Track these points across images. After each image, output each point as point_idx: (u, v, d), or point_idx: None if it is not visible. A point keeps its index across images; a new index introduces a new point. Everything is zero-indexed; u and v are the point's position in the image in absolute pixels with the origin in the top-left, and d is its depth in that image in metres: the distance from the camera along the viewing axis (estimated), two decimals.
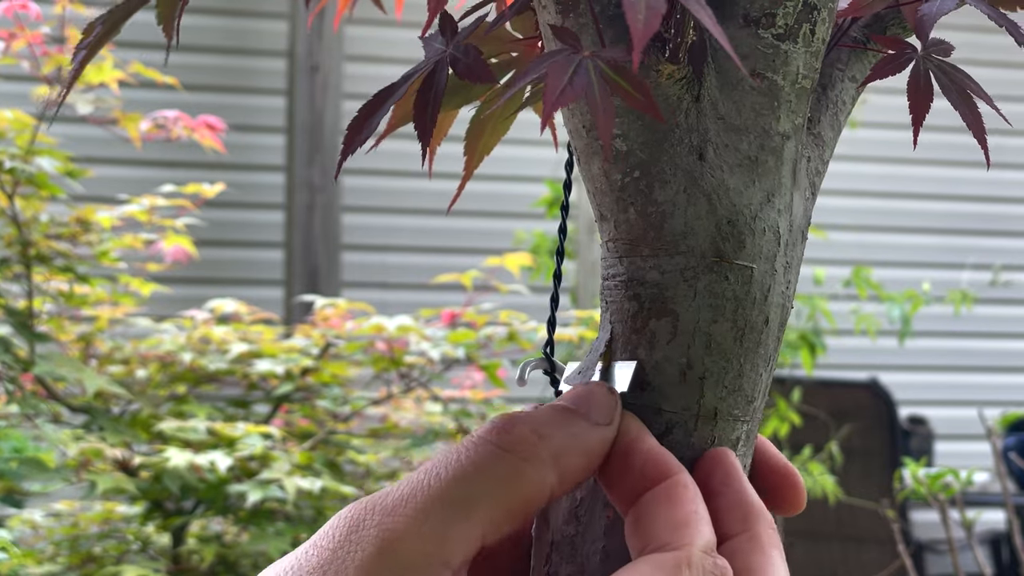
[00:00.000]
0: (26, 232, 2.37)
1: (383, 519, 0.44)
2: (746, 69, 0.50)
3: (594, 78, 0.45)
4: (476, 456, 0.46)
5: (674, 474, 0.48)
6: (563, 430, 0.47)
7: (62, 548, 2.49)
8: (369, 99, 0.52)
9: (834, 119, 0.55)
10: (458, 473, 0.45)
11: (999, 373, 5.22)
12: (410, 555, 0.44)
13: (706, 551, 0.46)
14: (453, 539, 0.44)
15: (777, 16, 0.50)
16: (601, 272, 0.53)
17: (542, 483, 0.46)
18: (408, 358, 2.62)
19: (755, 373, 0.52)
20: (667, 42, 0.48)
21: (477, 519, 0.45)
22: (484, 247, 3.67)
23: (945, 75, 0.51)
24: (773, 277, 0.52)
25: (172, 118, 2.50)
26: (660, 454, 0.48)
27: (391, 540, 0.44)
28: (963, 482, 2.50)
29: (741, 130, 0.51)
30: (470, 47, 0.50)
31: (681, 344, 0.51)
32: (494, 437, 0.47)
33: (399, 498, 0.45)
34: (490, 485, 0.45)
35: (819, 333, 3.81)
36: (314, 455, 2.42)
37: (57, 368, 2.27)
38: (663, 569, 0.45)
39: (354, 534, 0.44)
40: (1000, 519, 4.45)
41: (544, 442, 0.47)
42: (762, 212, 0.51)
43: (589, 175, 0.52)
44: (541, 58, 0.47)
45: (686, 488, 0.48)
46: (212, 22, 4.58)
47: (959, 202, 5.23)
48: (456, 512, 0.44)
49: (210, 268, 3.98)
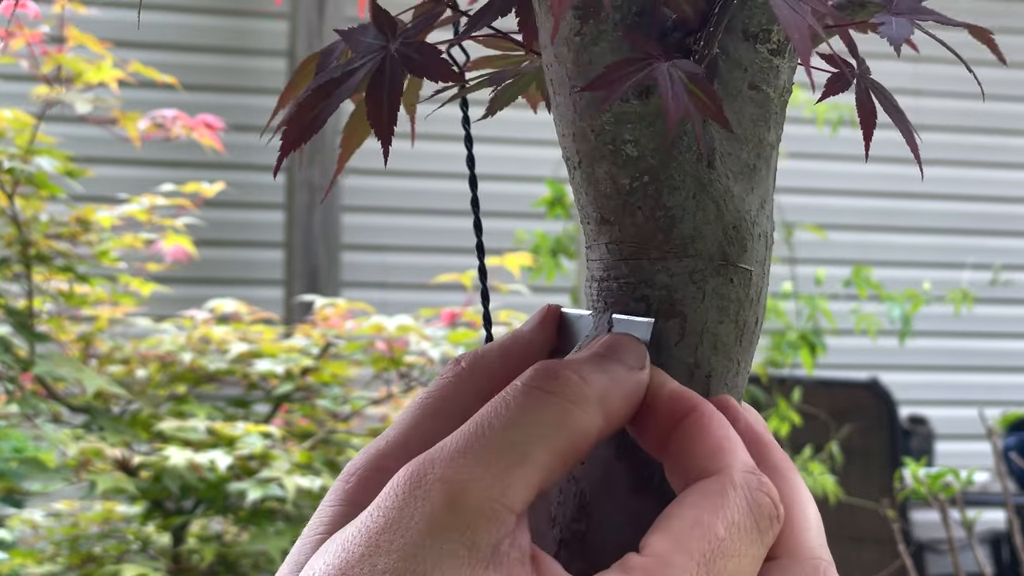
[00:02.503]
0: (26, 232, 2.37)
1: (444, 471, 0.44)
2: (745, 81, 0.52)
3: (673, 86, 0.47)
4: (525, 402, 0.46)
5: (698, 406, 0.49)
6: (604, 374, 0.48)
7: (62, 548, 2.49)
8: (307, 95, 0.51)
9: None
10: (509, 420, 0.46)
11: (999, 373, 5.22)
12: (478, 502, 0.44)
13: (747, 470, 0.47)
14: (514, 484, 0.44)
15: (772, 32, 0.52)
16: (594, 273, 0.54)
17: (590, 424, 0.47)
18: (408, 358, 2.62)
19: (747, 370, 0.54)
20: (694, 54, 0.50)
21: (533, 464, 0.45)
22: (485, 247, 3.66)
23: (878, 92, 0.53)
24: (764, 279, 0.54)
25: (171, 117, 2.50)
26: (682, 391, 0.49)
27: (457, 490, 0.44)
28: (963, 482, 2.50)
29: (741, 139, 0.52)
30: (425, 45, 0.50)
31: (689, 344, 0.52)
32: (540, 383, 0.47)
33: (456, 449, 0.45)
34: (542, 429, 0.46)
35: (819, 333, 3.81)
36: (314, 454, 2.43)
37: (57, 368, 2.27)
38: (708, 495, 0.46)
39: (418, 489, 0.44)
40: (1000, 519, 4.45)
41: (589, 385, 0.47)
42: (758, 218, 0.53)
43: (591, 179, 0.52)
44: (619, 65, 0.48)
45: (712, 416, 0.48)
46: (212, 22, 4.58)
47: (959, 202, 5.23)
48: (513, 457, 0.45)
49: (210, 268, 3.98)
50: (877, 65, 0.53)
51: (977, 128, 5.19)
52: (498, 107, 0.61)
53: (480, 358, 0.52)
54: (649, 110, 0.50)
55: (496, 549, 0.43)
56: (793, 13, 0.44)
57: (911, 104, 4.93)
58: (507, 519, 0.44)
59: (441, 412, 0.51)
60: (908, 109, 0.55)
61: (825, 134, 4.06)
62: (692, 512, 0.46)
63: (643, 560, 0.45)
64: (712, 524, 0.45)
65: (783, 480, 0.50)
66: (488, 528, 0.44)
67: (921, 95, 4.88)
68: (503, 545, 0.44)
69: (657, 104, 0.50)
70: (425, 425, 0.50)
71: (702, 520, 0.45)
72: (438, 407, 0.51)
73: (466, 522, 0.43)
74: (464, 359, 0.52)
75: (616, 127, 0.51)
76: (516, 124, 4.29)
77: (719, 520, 0.46)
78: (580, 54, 0.51)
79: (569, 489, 0.52)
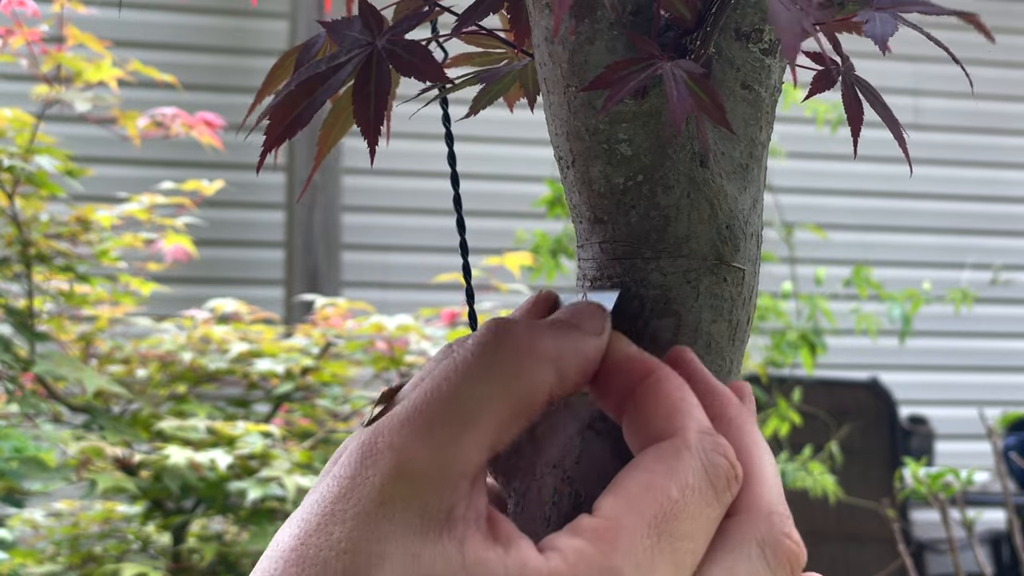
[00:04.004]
0: (26, 231, 2.37)
1: (393, 438, 0.44)
2: (738, 81, 0.52)
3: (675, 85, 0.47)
4: (476, 359, 0.46)
5: (655, 370, 0.49)
6: (559, 334, 0.48)
7: (62, 548, 2.49)
8: (291, 91, 0.51)
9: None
10: (459, 379, 0.45)
11: (999, 373, 5.22)
12: (427, 470, 0.44)
13: (702, 431, 0.47)
14: (463, 448, 0.44)
15: (764, 32, 0.52)
16: (587, 273, 0.54)
17: (543, 379, 0.46)
18: (408, 357, 2.62)
19: (738, 369, 0.54)
20: (690, 53, 0.50)
21: (482, 427, 0.45)
22: (484, 247, 3.67)
23: (862, 87, 0.53)
24: (755, 278, 0.54)
25: (170, 115, 2.50)
26: (641, 354, 0.49)
27: (405, 457, 0.44)
28: (963, 482, 2.50)
29: (733, 139, 0.52)
30: (413, 43, 0.50)
31: (684, 343, 0.52)
32: (491, 337, 0.47)
33: (405, 415, 0.45)
34: (493, 386, 0.45)
35: (819, 333, 3.80)
36: (314, 454, 2.43)
37: (57, 368, 2.27)
38: (663, 458, 0.46)
39: (368, 458, 0.44)
40: (1000, 519, 4.45)
41: (542, 341, 0.47)
42: (751, 217, 0.53)
43: (585, 178, 0.52)
44: (621, 65, 0.48)
45: (669, 379, 0.48)
46: (212, 21, 4.58)
47: (959, 202, 5.22)
48: (464, 419, 0.45)
49: (210, 268, 3.98)
50: (876, 65, 0.54)
51: (976, 128, 5.19)
52: (481, 106, 0.61)
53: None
54: (644, 109, 0.50)
55: (450, 514, 0.43)
56: (785, 11, 0.44)
57: (910, 104, 4.92)
58: (459, 484, 0.44)
59: None
60: (906, 109, 0.55)
61: (825, 134, 4.06)
62: (645, 475, 0.46)
63: (594, 521, 0.45)
64: (665, 486, 0.45)
65: (740, 433, 0.49)
66: (439, 494, 0.43)
67: (920, 95, 4.88)
68: (457, 509, 0.44)
69: (652, 103, 0.50)
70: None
71: (655, 483, 0.45)
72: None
73: (416, 490, 0.43)
74: (456, 345, 0.53)
75: (610, 126, 0.51)
76: (515, 124, 4.28)
77: (672, 482, 0.45)
78: (575, 53, 0.51)
79: (564, 489, 0.52)
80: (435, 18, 0.57)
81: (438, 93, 0.58)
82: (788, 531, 0.47)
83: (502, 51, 0.60)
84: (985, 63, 4.91)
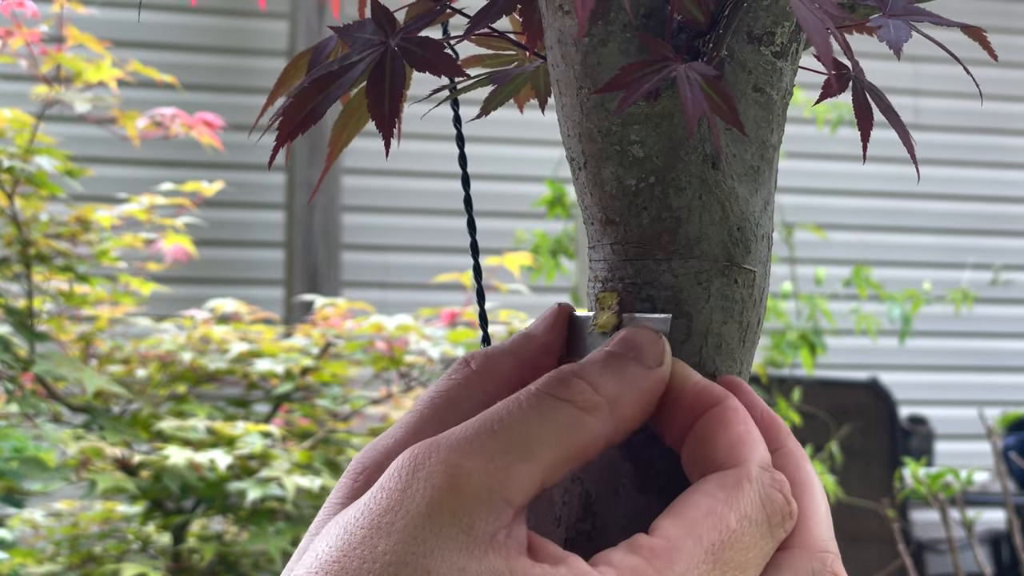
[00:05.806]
0: (26, 231, 2.37)
1: (449, 456, 0.45)
2: (750, 83, 0.52)
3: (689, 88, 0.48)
4: (537, 405, 0.47)
5: (722, 400, 0.49)
6: (618, 377, 0.48)
7: (62, 548, 2.49)
8: (304, 88, 0.51)
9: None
10: (520, 418, 0.46)
11: (999, 373, 5.22)
12: (477, 490, 0.44)
13: (763, 466, 0.48)
14: (516, 479, 0.45)
15: (776, 35, 0.52)
16: (598, 274, 0.54)
17: (600, 432, 0.47)
18: (408, 357, 2.62)
19: (748, 370, 0.55)
20: (702, 56, 0.50)
21: (538, 462, 0.45)
22: (484, 246, 3.65)
23: (873, 92, 0.53)
24: (766, 280, 0.54)
25: (169, 115, 2.50)
26: (708, 385, 0.50)
27: (459, 475, 0.44)
28: (963, 482, 2.50)
29: (745, 141, 0.52)
30: (427, 39, 0.50)
31: (694, 345, 0.52)
32: (553, 389, 0.47)
33: (464, 437, 0.46)
34: (551, 431, 0.46)
35: (819, 333, 3.81)
36: (314, 454, 2.42)
37: (57, 368, 2.27)
38: (724, 487, 0.47)
39: (420, 471, 0.45)
40: (1000, 518, 4.45)
41: (600, 392, 0.48)
42: (762, 219, 0.53)
43: (597, 179, 0.52)
44: (635, 67, 0.48)
45: (736, 411, 0.49)
46: (211, 21, 4.58)
47: (959, 202, 5.23)
48: (519, 453, 0.45)
49: (210, 268, 3.98)
50: (876, 65, 0.54)
51: (976, 128, 5.19)
52: (492, 107, 0.61)
53: (490, 359, 0.53)
54: (656, 111, 0.51)
55: (493, 537, 0.44)
56: (811, 15, 0.44)
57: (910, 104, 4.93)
58: (505, 511, 0.44)
59: (449, 411, 0.51)
60: (907, 109, 0.56)
61: (825, 134, 4.06)
62: (707, 501, 0.46)
63: (652, 541, 0.45)
64: (725, 515, 0.46)
65: (796, 469, 0.50)
66: (486, 516, 0.44)
67: (920, 95, 4.88)
68: (499, 535, 0.44)
69: (665, 105, 0.50)
70: (433, 424, 0.50)
71: (715, 510, 0.46)
72: (446, 407, 0.51)
73: (465, 507, 0.44)
74: (474, 360, 0.52)
75: (623, 128, 0.51)
76: (516, 124, 4.29)
77: (732, 512, 0.46)
78: (588, 55, 0.51)
79: (574, 489, 0.52)
80: (446, 20, 0.57)
81: (448, 94, 0.59)
82: (837, 571, 0.49)
83: (513, 53, 0.60)
84: (985, 63, 4.90)
